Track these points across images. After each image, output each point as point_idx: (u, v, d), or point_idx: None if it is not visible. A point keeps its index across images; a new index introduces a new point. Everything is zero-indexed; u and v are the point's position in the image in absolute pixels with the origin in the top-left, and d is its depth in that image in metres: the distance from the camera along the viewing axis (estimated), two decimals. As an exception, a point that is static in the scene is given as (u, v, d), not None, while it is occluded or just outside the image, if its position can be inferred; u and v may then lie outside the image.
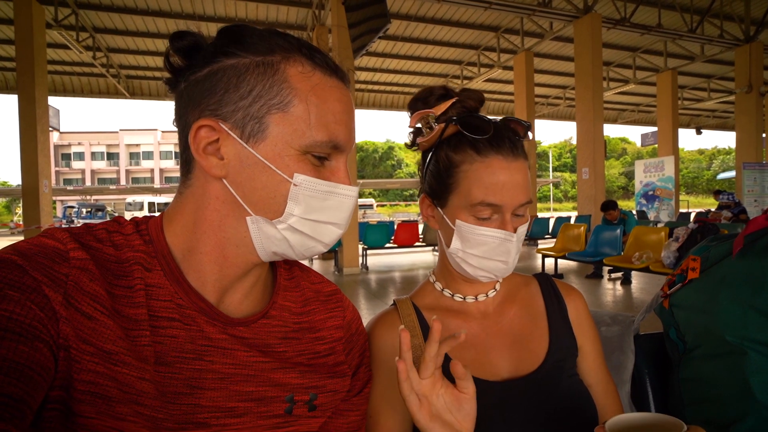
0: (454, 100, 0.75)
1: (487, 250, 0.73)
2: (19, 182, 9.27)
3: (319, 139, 0.53)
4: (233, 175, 0.53)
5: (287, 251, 0.57)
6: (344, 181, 0.57)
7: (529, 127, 0.77)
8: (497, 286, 0.83)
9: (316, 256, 10.39)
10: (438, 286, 0.84)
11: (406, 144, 0.86)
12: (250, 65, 0.52)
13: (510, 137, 0.73)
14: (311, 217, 0.55)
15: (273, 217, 0.54)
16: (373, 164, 53.72)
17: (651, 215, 12.31)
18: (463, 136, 0.73)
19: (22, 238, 15.42)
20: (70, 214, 25.17)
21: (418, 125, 0.78)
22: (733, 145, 14.24)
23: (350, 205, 0.58)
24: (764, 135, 12.93)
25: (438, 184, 0.77)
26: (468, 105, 0.75)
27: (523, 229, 0.74)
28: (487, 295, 0.81)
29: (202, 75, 0.53)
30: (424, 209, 0.81)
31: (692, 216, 12.38)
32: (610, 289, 6.54)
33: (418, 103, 0.78)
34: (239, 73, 0.52)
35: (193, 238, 0.55)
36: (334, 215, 0.57)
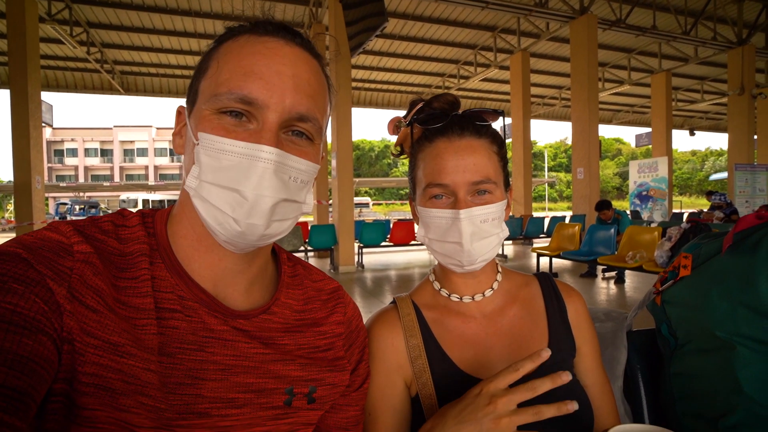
0: (421, 104, 0.79)
1: (441, 233, 0.74)
2: (11, 178, 9.16)
3: (219, 91, 0.50)
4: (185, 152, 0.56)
5: (213, 228, 0.52)
6: (263, 142, 0.50)
7: (498, 113, 0.77)
8: (495, 285, 0.82)
9: (312, 254, 10.40)
10: (436, 285, 0.84)
11: (392, 154, 0.88)
12: (207, 51, 0.56)
13: (460, 122, 0.75)
14: (208, 179, 0.50)
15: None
16: (369, 163, 53.66)
17: (645, 215, 12.40)
18: (424, 133, 0.77)
19: (14, 235, 15.25)
20: (63, 210, 24.96)
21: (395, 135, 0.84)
22: (726, 147, 14.36)
23: (259, 169, 0.49)
24: (756, 137, 13.05)
25: (411, 182, 0.81)
26: (434, 106, 0.77)
27: (482, 210, 0.72)
28: (483, 295, 0.81)
29: None
30: (412, 211, 0.84)
31: (685, 216, 12.48)
32: (604, 287, 6.59)
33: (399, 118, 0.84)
34: (201, 62, 0.56)
35: (182, 227, 0.57)
36: (235, 179, 0.49)
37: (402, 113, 0.84)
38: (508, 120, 13.33)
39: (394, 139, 0.88)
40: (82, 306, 0.46)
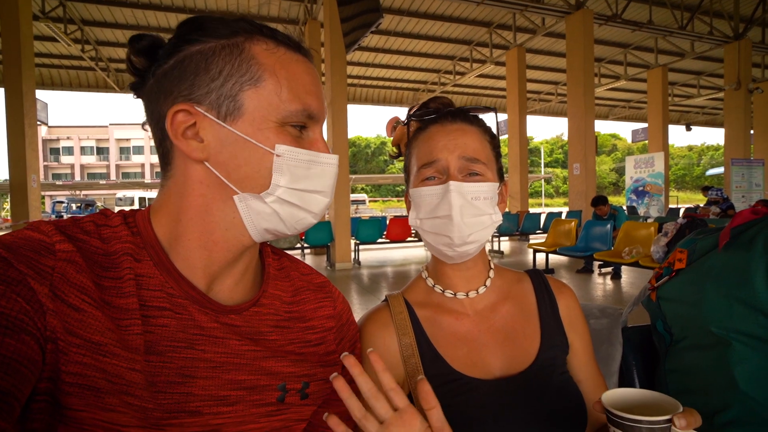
0: (418, 105, 0.82)
1: (431, 209, 0.74)
2: (7, 177, 9.10)
3: (293, 109, 0.55)
4: (215, 156, 0.54)
5: (278, 226, 0.57)
6: (324, 150, 0.59)
7: (490, 109, 0.80)
8: (488, 282, 0.82)
9: (308, 251, 10.44)
10: (429, 282, 0.84)
11: (390, 155, 0.91)
12: (216, 48, 0.53)
13: (453, 113, 0.78)
14: (298, 186, 0.56)
15: (260, 190, 0.55)
16: (365, 159, 53.55)
17: (641, 211, 12.42)
18: (419, 126, 0.80)
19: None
20: (60, 209, 24.85)
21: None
22: (722, 142, 14.41)
23: (333, 173, 0.60)
24: (752, 132, 13.08)
25: (406, 174, 0.83)
26: (431, 106, 0.81)
27: (473, 186, 0.72)
28: (477, 292, 0.81)
29: (168, 66, 0.54)
30: (407, 205, 0.84)
31: (681, 211, 12.51)
32: (600, 283, 6.61)
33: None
34: (206, 57, 0.53)
35: (179, 226, 0.56)
36: (319, 183, 0.58)
37: (399, 110, 0.86)
38: (503, 116, 13.34)
39: (391, 138, 0.89)
40: (64, 305, 0.45)
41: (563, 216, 10.78)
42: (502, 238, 11.43)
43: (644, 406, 0.55)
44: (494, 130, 0.81)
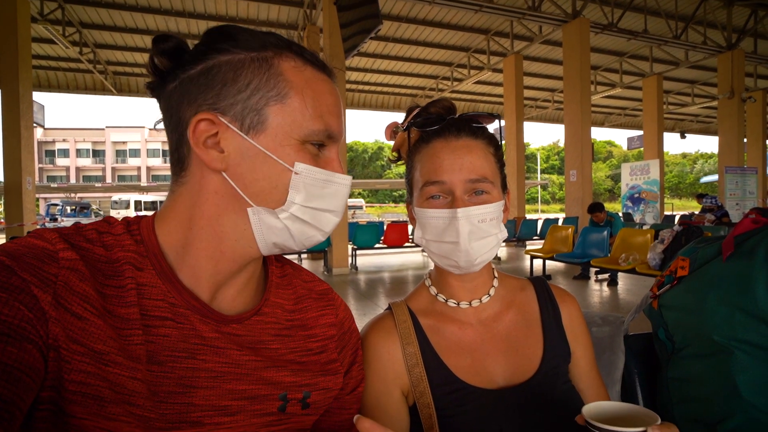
0: (418, 109, 0.80)
1: (438, 233, 0.73)
2: (1, 179, 9.04)
3: (315, 128, 0.56)
4: (233, 168, 0.53)
5: (287, 241, 0.58)
6: (339, 170, 0.59)
7: (494, 116, 0.78)
8: (491, 291, 0.81)
9: (305, 256, 10.40)
10: (433, 290, 0.83)
11: (389, 160, 0.90)
12: (246, 60, 0.53)
13: (457, 124, 0.76)
14: (311, 204, 0.56)
15: (275, 206, 0.55)
16: (362, 164, 53.64)
17: (637, 217, 12.47)
18: (421, 136, 0.78)
19: (3, 235, 15.08)
20: (54, 212, 24.68)
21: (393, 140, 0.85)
22: (716, 149, 14.52)
23: (345, 193, 0.61)
24: (745, 140, 13.21)
25: (408, 186, 0.82)
26: (431, 111, 0.78)
27: (480, 210, 0.71)
28: (480, 301, 0.80)
29: (195, 72, 0.53)
30: (409, 215, 0.83)
31: (677, 218, 12.58)
32: (597, 290, 6.62)
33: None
34: (236, 68, 0.53)
35: (189, 235, 0.55)
36: (332, 203, 0.59)
37: (396, 115, 0.86)
38: (503, 122, 13.39)
39: (391, 143, 0.88)
40: (67, 313, 0.45)
41: (560, 222, 10.82)
42: (498, 244, 11.42)
43: (625, 418, 0.55)
44: (497, 137, 0.80)
